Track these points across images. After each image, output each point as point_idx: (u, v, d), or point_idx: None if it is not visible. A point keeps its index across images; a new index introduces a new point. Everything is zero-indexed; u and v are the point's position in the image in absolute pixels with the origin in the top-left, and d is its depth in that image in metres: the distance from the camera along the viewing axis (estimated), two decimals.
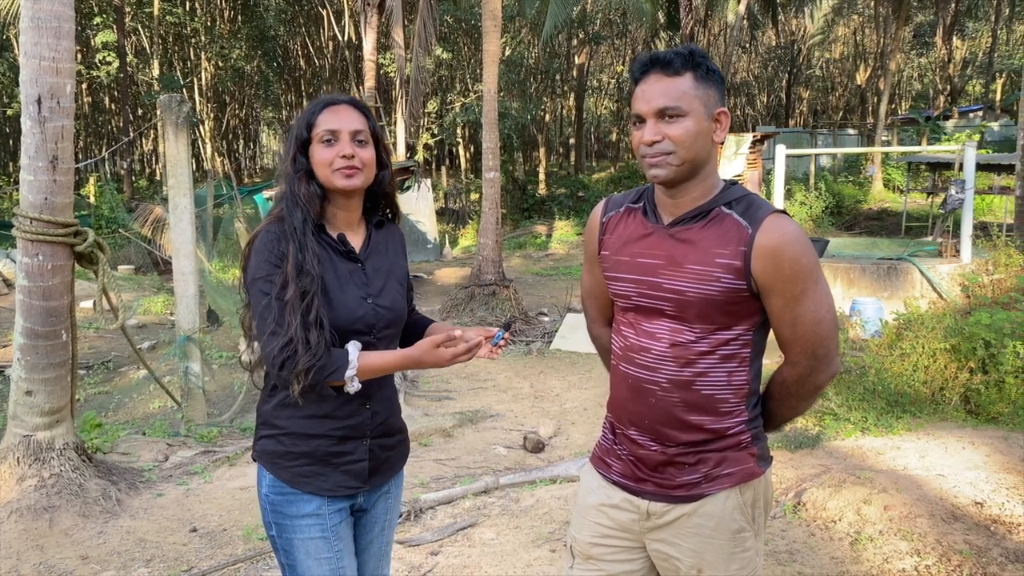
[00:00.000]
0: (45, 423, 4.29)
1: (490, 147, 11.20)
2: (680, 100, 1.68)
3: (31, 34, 3.96)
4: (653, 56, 1.73)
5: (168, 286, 11.46)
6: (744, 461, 1.79)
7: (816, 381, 1.80)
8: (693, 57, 1.71)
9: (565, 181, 28.28)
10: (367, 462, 1.96)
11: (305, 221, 1.86)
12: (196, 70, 30.91)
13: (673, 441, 1.79)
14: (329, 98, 1.94)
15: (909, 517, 3.72)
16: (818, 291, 1.72)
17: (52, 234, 4.08)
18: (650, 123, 1.70)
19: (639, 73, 1.74)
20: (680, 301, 1.74)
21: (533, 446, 5.57)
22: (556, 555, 3.73)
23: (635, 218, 1.85)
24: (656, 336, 1.79)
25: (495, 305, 10.70)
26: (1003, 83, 35.06)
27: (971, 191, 9.97)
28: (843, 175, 24.57)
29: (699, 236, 1.74)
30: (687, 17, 17.76)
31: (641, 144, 1.73)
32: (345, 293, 1.90)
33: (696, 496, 1.78)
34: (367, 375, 1.83)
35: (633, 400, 1.83)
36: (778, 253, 1.67)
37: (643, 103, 1.71)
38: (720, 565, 1.80)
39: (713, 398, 1.77)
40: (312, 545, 1.91)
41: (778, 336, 1.78)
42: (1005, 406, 5.29)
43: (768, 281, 1.69)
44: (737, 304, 1.72)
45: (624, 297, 1.84)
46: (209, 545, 4.00)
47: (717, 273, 1.70)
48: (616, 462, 1.89)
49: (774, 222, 1.70)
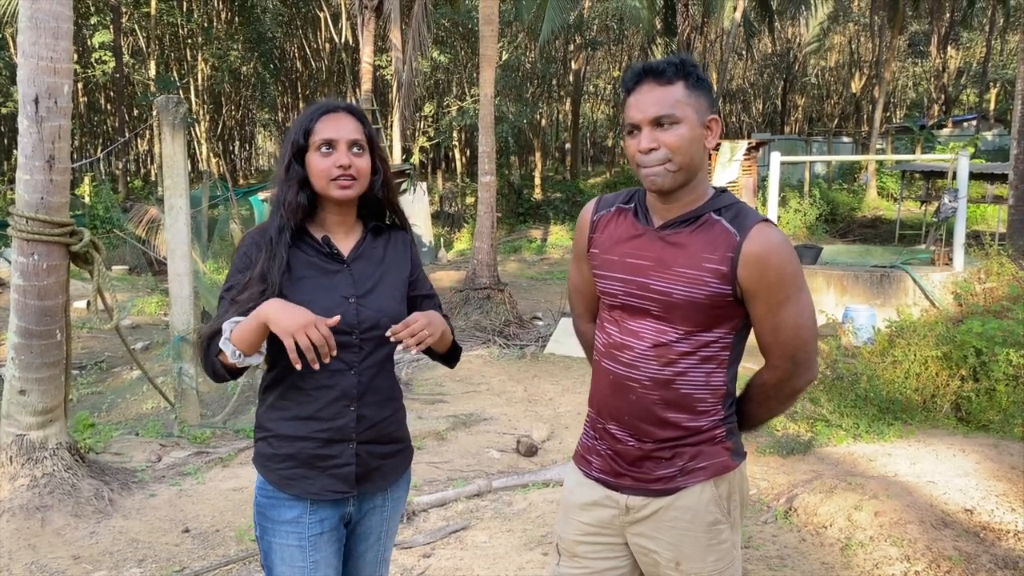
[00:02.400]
0: (38, 422, 4.28)
1: (486, 151, 11.22)
2: (674, 108, 1.72)
3: (29, 34, 3.97)
4: (645, 66, 1.76)
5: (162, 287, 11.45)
6: (719, 455, 1.84)
7: (795, 385, 1.85)
8: (684, 66, 1.75)
9: (561, 185, 28.32)
10: (354, 467, 1.94)
11: (282, 230, 1.89)
12: (192, 71, 30.90)
13: (651, 437, 1.84)
14: (327, 105, 1.94)
15: (899, 523, 3.74)
16: (801, 298, 1.77)
17: (48, 234, 4.08)
18: (646, 131, 1.74)
19: (632, 83, 1.78)
20: (667, 303, 1.78)
21: (526, 450, 5.58)
22: (548, 558, 3.74)
23: (626, 219, 1.89)
24: (639, 335, 1.83)
25: (490, 309, 10.70)
26: (997, 93, 35.28)
27: (964, 200, 10.04)
28: (837, 182, 24.65)
29: (688, 240, 1.78)
30: (683, 23, 17.81)
31: (637, 152, 1.76)
32: (323, 293, 1.90)
33: (672, 489, 1.83)
34: (242, 341, 1.76)
35: (614, 396, 1.88)
36: (764, 260, 1.72)
37: (637, 112, 1.75)
38: (697, 557, 1.83)
39: (691, 397, 1.81)
40: (287, 552, 1.91)
41: (760, 341, 1.83)
42: (996, 414, 5.32)
43: (753, 287, 1.74)
44: (721, 308, 1.77)
45: (611, 295, 1.89)
46: (201, 546, 4.00)
47: (705, 277, 1.74)
48: (596, 458, 1.94)
49: (761, 231, 1.74)
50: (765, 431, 5.65)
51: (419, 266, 2.13)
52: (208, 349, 1.84)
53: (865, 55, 35.01)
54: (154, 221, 12.92)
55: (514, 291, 11.81)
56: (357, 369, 1.92)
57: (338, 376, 1.90)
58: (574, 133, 31.34)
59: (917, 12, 28.13)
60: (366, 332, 1.92)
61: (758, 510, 4.28)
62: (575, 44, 28.70)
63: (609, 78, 37.16)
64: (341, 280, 1.93)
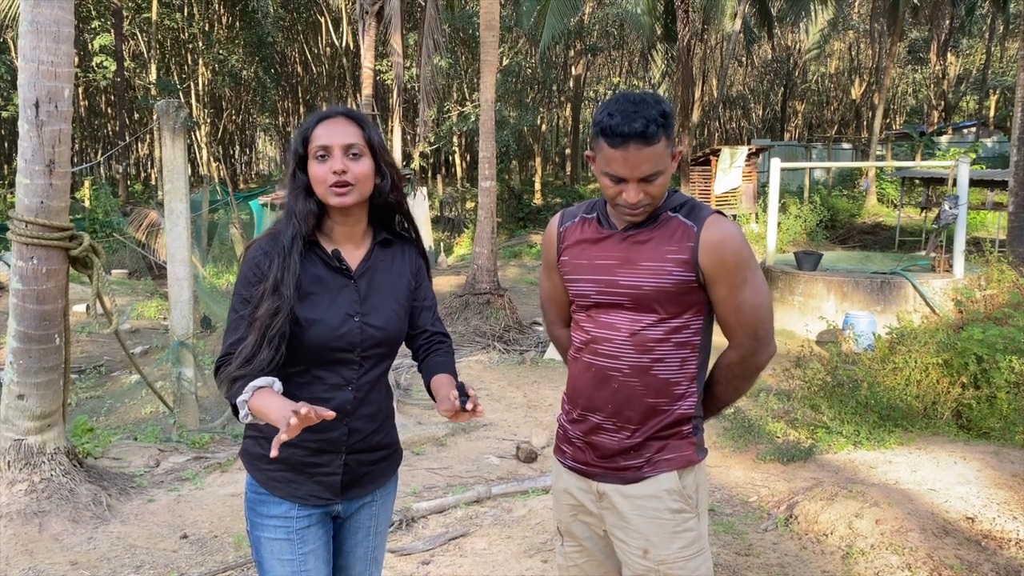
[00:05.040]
0: (36, 427, 4.27)
1: (486, 156, 11.22)
2: (659, 164, 1.85)
3: (30, 38, 3.97)
4: (633, 131, 1.80)
5: (162, 291, 11.44)
6: (684, 449, 1.99)
7: (758, 361, 2.01)
8: (665, 119, 1.83)
9: (561, 191, 28.35)
10: (341, 476, 1.95)
11: (294, 239, 1.87)
12: (193, 75, 30.93)
13: (632, 422, 1.97)
14: (323, 112, 1.92)
15: (900, 531, 3.73)
16: (756, 279, 1.94)
17: (47, 238, 4.07)
18: (633, 186, 1.87)
19: (618, 141, 1.82)
20: (637, 295, 1.93)
21: (526, 456, 5.57)
22: (548, 565, 3.73)
23: (590, 226, 2.04)
24: (616, 327, 1.97)
25: (489, 314, 10.69)
26: (997, 99, 35.32)
27: (964, 207, 10.03)
28: (837, 189, 24.66)
29: (650, 237, 1.95)
30: (684, 29, 17.82)
31: (622, 198, 1.89)
32: (330, 310, 1.88)
33: (639, 478, 1.98)
34: (257, 413, 1.73)
35: (596, 387, 2.01)
36: (721, 246, 1.89)
37: (627, 170, 1.85)
38: (663, 544, 1.96)
39: (668, 382, 1.97)
40: (276, 546, 1.93)
41: (723, 323, 1.99)
42: (997, 421, 5.31)
43: (714, 272, 1.90)
44: (687, 294, 1.93)
45: (584, 296, 2.02)
46: (200, 552, 3.99)
47: (669, 267, 1.91)
48: (569, 448, 2.11)
49: (716, 221, 1.92)
50: (766, 438, 5.64)
51: (424, 277, 2.10)
52: (229, 390, 1.79)
53: (865, 62, 35.09)
54: (154, 225, 12.92)
55: (514, 296, 11.80)
56: (355, 385, 1.93)
57: (335, 391, 1.91)
58: (574, 138, 31.36)
59: (917, 19, 28.18)
60: (368, 350, 1.92)
61: (758, 517, 4.26)
62: (576, 50, 28.74)
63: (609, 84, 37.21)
64: (347, 297, 1.92)
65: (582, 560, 2.15)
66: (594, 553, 2.13)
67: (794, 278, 10.39)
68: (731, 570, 3.62)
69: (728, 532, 4.06)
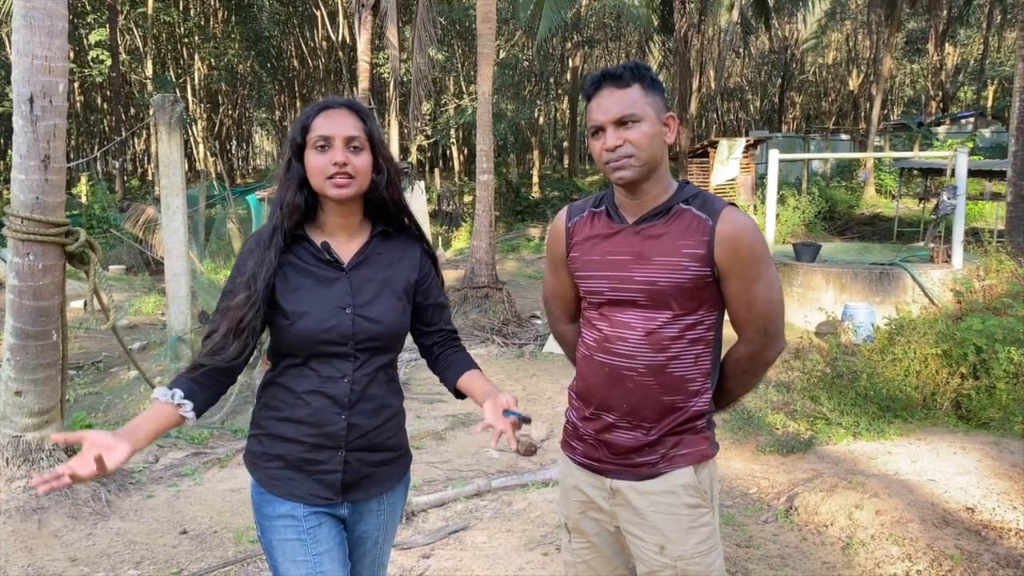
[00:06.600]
0: (35, 424, 4.26)
1: (484, 149, 11.19)
2: (634, 107, 1.85)
3: (23, 32, 3.94)
4: (604, 73, 1.90)
5: (159, 286, 11.43)
6: (699, 444, 1.96)
7: (767, 356, 1.99)
8: (639, 69, 1.88)
9: (559, 184, 28.32)
10: (341, 474, 1.90)
11: (275, 232, 1.86)
12: (189, 70, 30.85)
13: (648, 421, 1.94)
14: (326, 102, 1.89)
15: (900, 522, 3.73)
16: (769, 274, 1.91)
17: (43, 234, 4.05)
18: (610, 131, 1.87)
19: (592, 89, 1.90)
20: (652, 291, 1.89)
21: (525, 449, 5.56)
22: (548, 558, 3.73)
23: (599, 220, 2.01)
24: (631, 325, 1.93)
25: (488, 308, 10.69)
26: (995, 90, 35.27)
27: (963, 197, 10.02)
28: (836, 180, 24.65)
29: (663, 231, 1.91)
30: (681, 21, 17.77)
31: (604, 151, 1.88)
32: (319, 302, 1.86)
33: (655, 474, 1.95)
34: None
35: (610, 387, 1.97)
36: (737, 239, 1.85)
37: (601, 114, 1.87)
38: (680, 539, 1.93)
39: (683, 379, 1.94)
40: (288, 547, 1.87)
41: (734, 318, 1.96)
42: (996, 411, 5.31)
43: (728, 265, 1.87)
44: (702, 289, 1.89)
45: (597, 293, 1.98)
46: (199, 547, 3.98)
47: (684, 262, 1.87)
48: (580, 444, 2.07)
49: (730, 213, 1.88)
50: (766, 430, 5.64)
51: (431, 274, 2.05)
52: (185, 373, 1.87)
53: (863, 52, 35.04)
54: (151, 221, 12.90)
55: (512, 290, 11.80)
56: (351, 378, 1.88)
57: (331, 383, 1.87)
58: (572, 131, 31.33)
59: (915, 9, 28.12)
60: (362, 343, 1.88)
61: (758, 509, 4.26)
62: (573, 42, 28.68)
63: None
64: (338, 289, 1.88)
65: (590, 556, 2.13)
66: (603, 549, 2.10)
67: (793, 269, 10.38)
68: (732, 562, 3.62)
69: (728, 524, 4.06)
